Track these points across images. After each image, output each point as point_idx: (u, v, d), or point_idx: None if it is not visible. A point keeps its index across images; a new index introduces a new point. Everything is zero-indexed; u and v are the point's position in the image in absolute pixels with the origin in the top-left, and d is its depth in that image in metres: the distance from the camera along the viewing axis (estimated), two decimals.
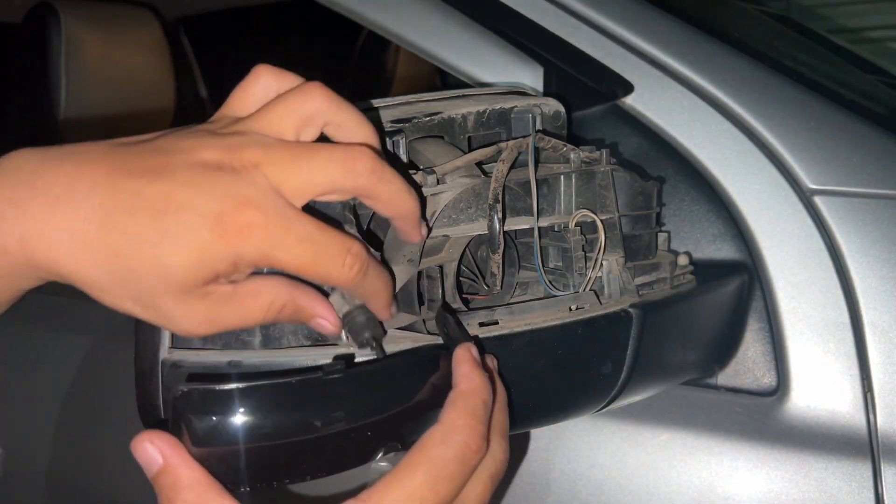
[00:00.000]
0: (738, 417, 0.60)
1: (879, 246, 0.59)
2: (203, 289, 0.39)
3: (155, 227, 0.37)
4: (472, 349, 0.44)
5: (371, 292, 0.43)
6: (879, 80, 0.94)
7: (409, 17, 0.73)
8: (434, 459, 0.39)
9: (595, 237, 0.54)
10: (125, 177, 0.38)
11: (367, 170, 0.41)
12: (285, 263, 0.39)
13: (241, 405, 0.39)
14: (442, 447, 0.39)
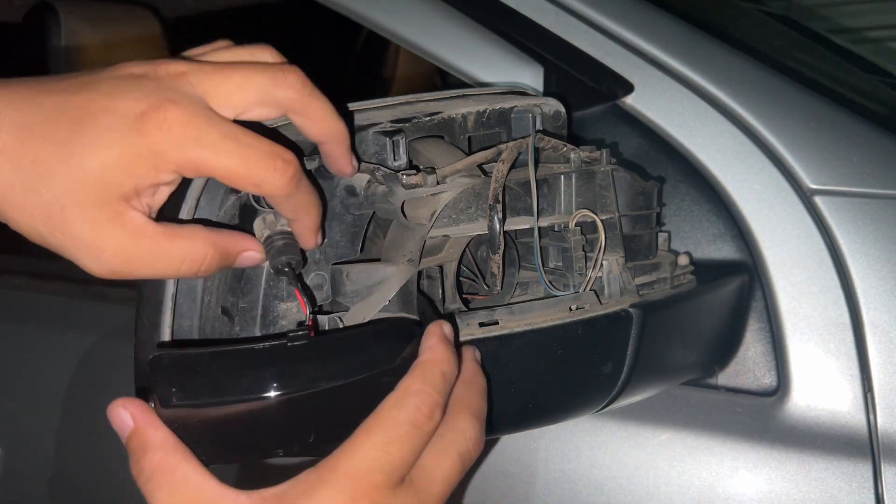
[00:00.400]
0: (738, 417, 0.60)
1: (879, 246, 0.59)
2: (116, 205, 0.38)
3: (74, 130, 0.37)
4: (444, 326, 0.44)
5: (300, 208, 0.42)
6: (879, 80, 0.94)
7: (409, 17, 0.73)
8: (385, 421, 0.39)
9: (595, 237, 0.54)
10: (48, 93, 0.38)
11: (298, 82, 0.40)
12: (211, 163, 0.38)
13: (207, 368, 0.39)
14: (394, 410, 0.39)
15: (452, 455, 0.41)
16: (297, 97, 0.41)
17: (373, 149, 0.50)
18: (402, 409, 0.39)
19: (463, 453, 0.41)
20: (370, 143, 0.50)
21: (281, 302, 0.48)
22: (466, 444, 0.42)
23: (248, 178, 0.39)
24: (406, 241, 0.50)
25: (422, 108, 0.55)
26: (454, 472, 0.41)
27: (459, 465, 0.41)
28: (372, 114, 0.53)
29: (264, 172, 0.39)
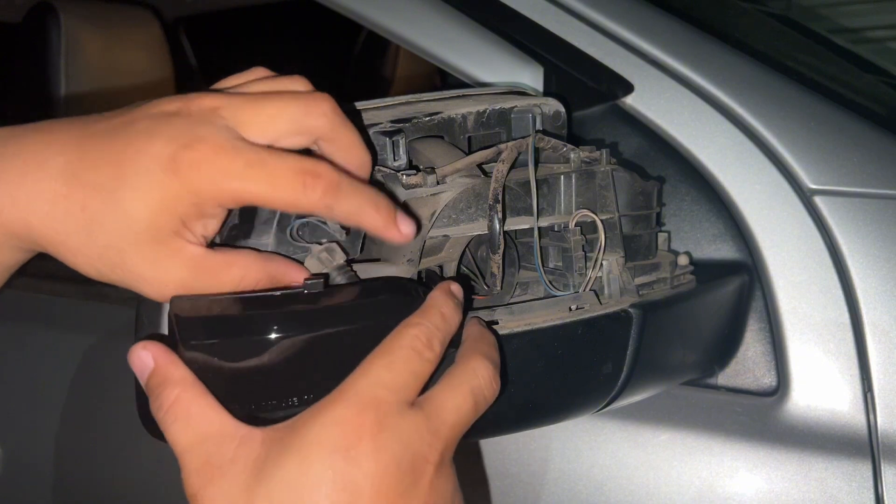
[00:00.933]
0: (738, 417, 0.60)
1: (879, 246, 0.59)
2: (171, 242, 0.39)
3: (115, 175, 0.38)
4: (453, 285, 0.45)
5: (351, 214, 0.42)
6: (879, 80, 0.94)
7: (409, 17, 0.73)
8: (386, 347, 0.40)
9: (595, 237, 0.54)
10: (91, 137, 0.40)
11: (329, 111, 0.41)
12: (242, 193, 0.39)
13: (227, 310, 0.40)
14: (393, 338, 0.41)
15: (464, 389, 0.41)
16: (329, 126, 0.42)
17: (373, 149, 0.50)
18: (401, 337, 0.40)
19: (475, 388, 0.41)
20: (370, 142, 0.50)
21: None
22: (478, 380, 0.42)
23: (281, 200, 0.40)
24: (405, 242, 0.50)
25: (422, 108, 0.55)
26: (466, 406, 0.41)
27: (471, 399, 0.41)
28: (372, 114, 0.53)
29: (294, 192, 0.39)
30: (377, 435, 0.37)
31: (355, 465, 0.37)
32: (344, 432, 0.37)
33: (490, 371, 0.42)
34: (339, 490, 0.36)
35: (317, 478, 0.36)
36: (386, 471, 0.37)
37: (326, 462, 0.37)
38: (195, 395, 0.39)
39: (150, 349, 0.41)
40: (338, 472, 0.36)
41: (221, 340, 0.40)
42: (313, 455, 0.37)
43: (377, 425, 0.37)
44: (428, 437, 0.39)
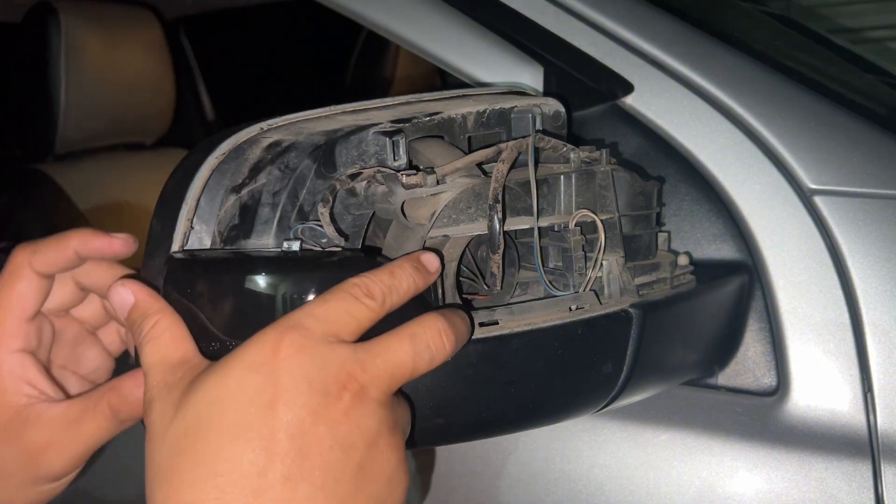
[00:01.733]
0: (738, 417, 0.60)
1: (879, 246, 0.59)
2: None
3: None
4: (423, 255, 0.46)
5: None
6: (879, 80, 0.94)
7: (409, 17, 0.73)
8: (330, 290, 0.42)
9: (595, 237, 0.54)
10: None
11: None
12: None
13: (212, 260, 0.45)
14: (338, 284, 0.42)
15: (403, 334, 0.42)
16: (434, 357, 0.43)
17: (373, 149, 0.50)
18: (342, 283, 0.42)
19: (416, 335, 0.42)
20: (370, 143, 0.50)
21: None
22: (423, 329, 0.42)
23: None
24: (406, 242, 0.50)
25: (422, 108, 0.55)
26: (401, 348, 0.41)
27: (409, 344, 0.41)
28: (372, 114, 0.53)
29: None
30: (293, 354, 0.38)
31: (267, 379, 0.38)
32: (262, 350, 0.39)
33: (440, 323, 0.43)
34: (249, 401, 0.38)
35: (231, 390, 0.38)
36: (296, 388, 0.38)
37: (241, 375, 0.38)
38: (171, 322, 0.43)
39: (129, 286, 0.44)
40: (249, 384, 0.38)
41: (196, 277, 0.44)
42: (231, 371, 0.38)
43: (294, 346, 0.39)
44: (349, 365, 0.39)
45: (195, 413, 0.38)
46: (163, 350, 0.42)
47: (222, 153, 0.48)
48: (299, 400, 0.38)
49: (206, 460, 0.37)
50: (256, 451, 0.37)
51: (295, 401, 0.38)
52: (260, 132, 0.50)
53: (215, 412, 0.38)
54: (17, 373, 0.49)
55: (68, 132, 1.48)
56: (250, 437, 0.37)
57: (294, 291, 0.43)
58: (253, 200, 0.50)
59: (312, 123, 0.52)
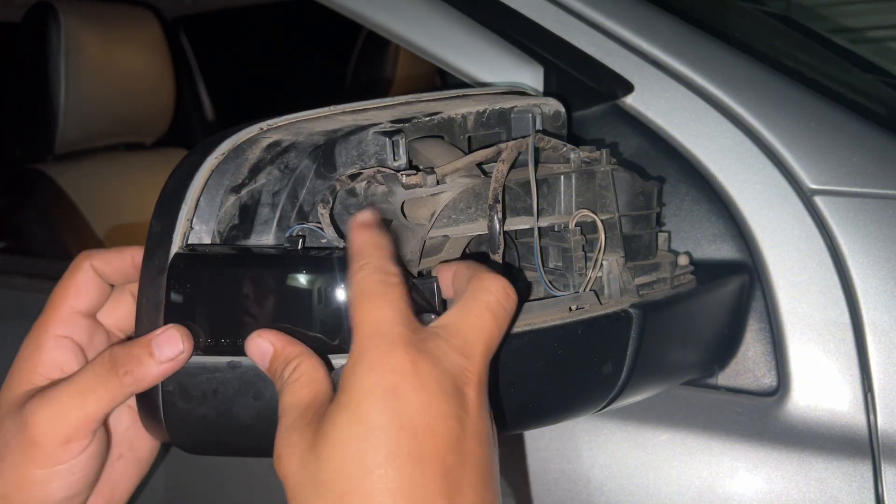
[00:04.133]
0: (738, 417, 0.60)
1: (879, 246, 0.59)
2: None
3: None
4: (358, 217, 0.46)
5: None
6: (879, 80, 0.94)
7: (409, 17, 0.73)
8: (354, 294, 0.43)
9: (595, 237, 0.54)
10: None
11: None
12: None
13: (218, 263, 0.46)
14: (352, 286, 0.43)
15: (478, 307, 0.42)
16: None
17: (373, 149, 0.50)
18: (356, 282, 0.42)
19: (490, 304, 0.43)
20: (370, 143, 0.50)
21: None
22: (491, 294, 0.43)
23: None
24: (406, 242, 0.50)
25: (421, 108, 0.55)
26: (484, 322, 0.42)
27: (489, 315, 0.42)
28: (372, 114, 0.53)
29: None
30: (414, 367, 0.39)
31: (406, 401, 0.38)
32: (382, 374, 0.38)
33: (500, 282, 0.43)
34: (398, 428, 0.38)
35: (374, 422, 0.38)
36: (434, 397, 0.39)
37: (377, 406, 0.38)
38: (308, 366, 0.43)
39: (266, 336, 0.44)
40: (392, 411, 0.38)
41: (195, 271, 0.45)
42: (361, 403, 0.38)
43: (411, 359, 0.39)
44: (457, 357, 0.40)
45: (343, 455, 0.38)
46: (297, 394, 0.42)
47: (222, 153, 0.48)
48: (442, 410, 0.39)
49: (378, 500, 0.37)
50: (419, 479, 0.37)
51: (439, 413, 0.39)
52: (260, 132, 0.50)
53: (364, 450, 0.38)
54: (54, 355, 0.50)
55: (68, 132, 1.48)
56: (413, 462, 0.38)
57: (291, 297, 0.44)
58: (252, 200, 0.50)
59: (312, 123, 0.52)
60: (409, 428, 0.38)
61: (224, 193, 0.48)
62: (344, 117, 0.53)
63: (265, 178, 0.50)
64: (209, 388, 0.46)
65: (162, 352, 0.45)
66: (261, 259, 0.46)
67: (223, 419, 0.47)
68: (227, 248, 0.48)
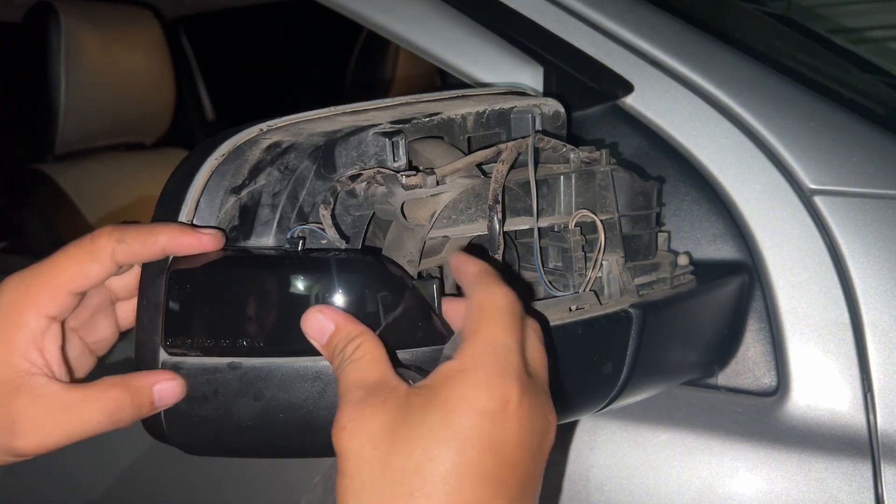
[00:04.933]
0: (738, 417, 0.60)
1: (879, 246, 0.59)
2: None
3: None
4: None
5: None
6: (879, 80, 0.94)
7: (409, 17, 0.73)
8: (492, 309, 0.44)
9: (595, 237, 0.54)
10: None
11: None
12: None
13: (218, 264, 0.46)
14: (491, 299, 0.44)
15: (541, 346, 0.44)
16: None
17: (372, 150, 0.50)
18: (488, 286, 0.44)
19: (542, 342, 0.45)
20: (370, 143, 0.50)
21: None
22: (541, 335, 0.45)
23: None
24: (406, 242, 0.50)
25: (421, 109, 0.55)
26: (546, 361, 0.44)
27: (545, 354, 0.44)
28: (372, 114, 0.53)
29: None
30: (520, 402, 0.40)
31: (502, 429, 0.39)
32: (491, 396, 0.39)
33: (509, 295, 0.44)
34: (488, 451, 0.39)
35: (467, 436, 0.39)
36: (524, 435, 0.40)
37: (475, 422, 0.39)
38: (372, 345, 0.43)
39: (327, 312, 0.44)
40: (485, 433, 0.39)
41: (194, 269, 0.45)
42: (459, 413, 0.39)
43: (519, 392, 0.40)
44: (547, 401, 0.42)
45: (423, 452, 0.38)
46: (362, 371, 0.42)
47: (222, 154, 0.48)
48: (528, 447, 0.41)
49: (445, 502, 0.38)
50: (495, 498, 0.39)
51: (525, 450, 0.40)
52: (260, 133, 0.50)
53: (449, 456, 0.38)
54: (37, 337, 0.47)
55: (68, 132, 1.48)
56: (489, 485, 0.39)
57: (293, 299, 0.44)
58: (252, 201, 0.50)
59: (312, 124, 0.52)
60: (497, 455, 0.39)
61: (224, 194, 0.48)
62: (344, 118, 0.53)
63: (265, 178, 0.50)
64: (209, 389, 0.46)
65: (163, 400, 0.47)
66: (261, 261, 0.46)
67: (223, 420, 0.47)
68: (227, 250, 0.48)
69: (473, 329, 0.42)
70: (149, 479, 0.79)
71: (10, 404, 0.46)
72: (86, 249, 0.47)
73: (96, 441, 0.82)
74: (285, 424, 0.47)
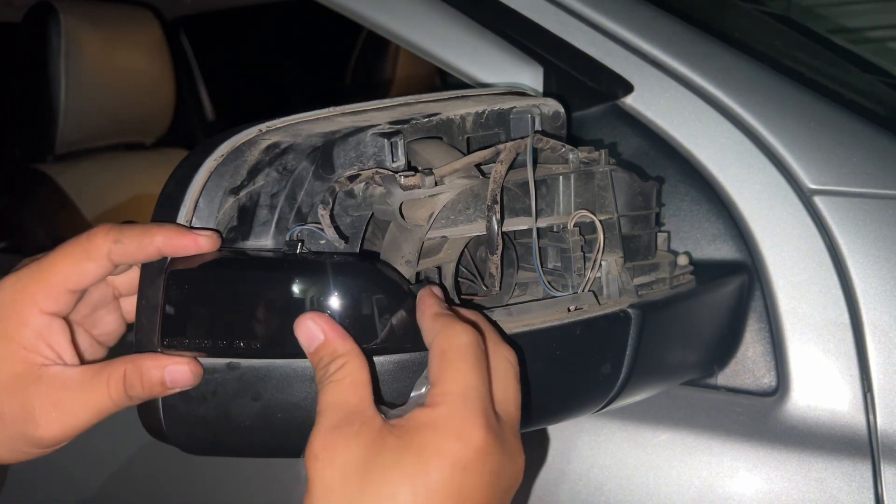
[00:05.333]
0: (738, 417, 0.60)
1: (879, 246, 0.59)
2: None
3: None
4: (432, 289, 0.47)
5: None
6: (879, 80, 0.94)
7: (409, 17, 0.73)
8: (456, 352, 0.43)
9: (594, 237, 0.54)
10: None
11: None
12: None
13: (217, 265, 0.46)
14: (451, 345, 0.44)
15: (512, 381, 0.44)
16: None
17: (371, 150, 0.50)
18: (462, 333, 0.43)
19: (516, 375, 0.45)
20: (368, 144, 0.50)
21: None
22: (514, 367, 0.45)
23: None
24: (404, 243, 0.50)
25: (420, 110, 0.55)
26: (518, 396, 0.45)
27: (518, 387, 0.45)
28: (371, 115, 0.53)
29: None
30: (488, 451, 0.41)
31: (472, 477, 0.40)
32: (464, 446, 0.40)
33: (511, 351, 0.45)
34: (454, 498, 0.40)
35: (435, 485, 0.40)
36: (492, 482, 0.41)
37: (446, 473, 0.40)
38: (355, 367, 0.43)
39: (319, 322, 0.44)
40: (455, 483, 0.40)
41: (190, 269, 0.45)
42: (433, 464, 0.40)
43: (487, 441, 0.41)
44: (513, 441, 0.43)
45: (393, 496, 0.39)
46: (342, 394, 0.42)
47: (221, 155, 0.48)
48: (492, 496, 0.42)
49: None
50: None
51: (493, 493, 0.42)
52: (259, 134, 0.50)
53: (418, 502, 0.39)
54: (42, 332, 0.48)
55: (68, 132, 1.48)
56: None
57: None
58: (251, 202, 0.50)
59: (311, 125, 0.52)
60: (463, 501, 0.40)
61: (223, 195, 0.48)
62: (343, 119, 0.53)
63: (264, 179, 0.50)
64: (208, 389, 0.46)
65: (175, 383, 0.46)
66: (257, 262, 0.46)
67: (222, 420, 0.47)
68: (225, 251, 0.48)
69: (438, 374, 0.42)
70: (145, 478, 0.79)
71: (29, 396, 0.47)
72: (82, 248, 0.47)
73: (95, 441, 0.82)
74: (283, 424, 0.47)
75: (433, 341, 0.43)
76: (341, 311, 0.45)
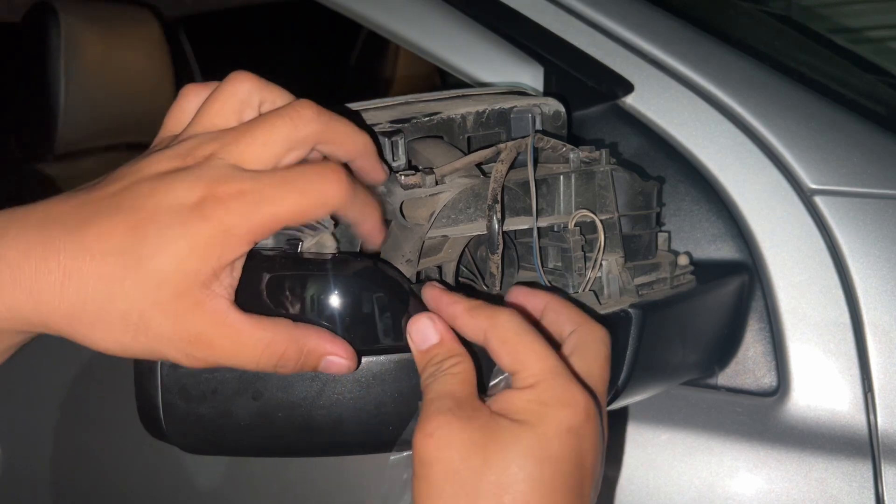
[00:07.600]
0: (738, 417, 0.60)
1: (879, 246, 0.59)
2: (195, 294, 0.40)
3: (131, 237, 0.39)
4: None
5: (365, 205, 0.44)
6: (879, 80, 0.94)
7: (409, 17, 0.73)
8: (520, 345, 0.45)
9: (595, 237, 0.54)
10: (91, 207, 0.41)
11: (314, 115, 0.42)
12: (278, 215, 0.40)
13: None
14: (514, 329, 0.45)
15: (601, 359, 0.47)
16: (320, 130, 0.42)
17: None
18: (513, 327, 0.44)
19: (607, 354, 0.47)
20: None
21: None
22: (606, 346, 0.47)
23: (316, 206, 0.41)
24: (404, 242, 0.50)
25: (421, 109, 0.55)
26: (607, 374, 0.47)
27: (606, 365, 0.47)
28: (371, 114, 0.53)
29: (326, 192, 0.41)
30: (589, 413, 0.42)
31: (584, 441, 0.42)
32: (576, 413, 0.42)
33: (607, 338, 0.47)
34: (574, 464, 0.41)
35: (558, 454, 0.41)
36: (598, 442, 0.43)
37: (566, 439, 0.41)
38: (468, 367, 0.44)
39: (438, 325, 0.45)
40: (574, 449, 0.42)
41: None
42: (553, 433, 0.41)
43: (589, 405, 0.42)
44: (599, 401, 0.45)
45: (521, 468, 0.40)
46: (455, 385, 0.43)
47: None
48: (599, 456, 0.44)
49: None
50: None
51: (598, 458, 0.44)
52: None
53: (545, 472, 0.40)
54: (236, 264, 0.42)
55: (68, 132, 1.48)
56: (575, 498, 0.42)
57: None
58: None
59: None
60: (582, 468, 0.42)
61: None
62: None
63: None
64: (208, 387, 0.46)
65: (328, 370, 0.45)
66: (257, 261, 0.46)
67: (222, 419, 0.47)
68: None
69: (514, 361, 0.43)
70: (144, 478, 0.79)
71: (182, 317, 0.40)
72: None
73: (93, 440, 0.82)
74: (284, 423, 0.47)
75: (486, 335, 0.44)
76: (340, 310, 0.45)
